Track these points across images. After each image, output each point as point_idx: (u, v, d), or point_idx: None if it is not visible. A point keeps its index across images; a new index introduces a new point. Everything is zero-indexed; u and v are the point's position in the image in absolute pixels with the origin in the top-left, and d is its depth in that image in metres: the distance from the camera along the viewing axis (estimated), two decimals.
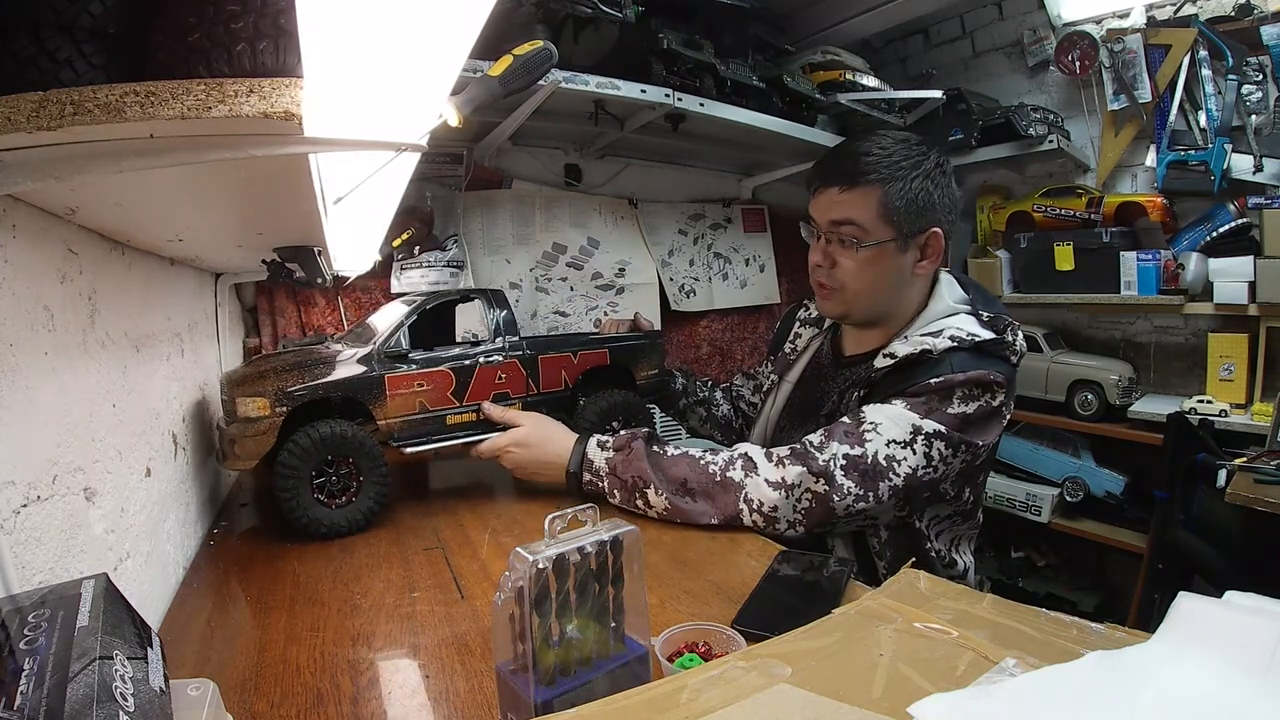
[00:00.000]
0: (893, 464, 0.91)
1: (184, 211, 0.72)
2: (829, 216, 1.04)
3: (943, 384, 0.93)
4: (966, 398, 0.94)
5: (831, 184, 1.03)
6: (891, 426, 0.92)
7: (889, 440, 0.91)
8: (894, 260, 1.03)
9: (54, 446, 0.56)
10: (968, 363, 0.95)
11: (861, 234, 1.01)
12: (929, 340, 0.97)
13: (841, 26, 2.27)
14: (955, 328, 0.99)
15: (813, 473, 0.90)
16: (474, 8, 0.44)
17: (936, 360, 0.95)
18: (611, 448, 1.01)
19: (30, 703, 0.32)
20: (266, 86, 0.40)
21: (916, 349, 0.96)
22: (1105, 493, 2.11)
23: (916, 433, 0.92)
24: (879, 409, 0.94)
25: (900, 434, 0.92)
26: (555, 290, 2.12)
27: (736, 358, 2.52)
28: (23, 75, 0.42)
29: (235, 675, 0.63)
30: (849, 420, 0.95)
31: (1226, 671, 0.44)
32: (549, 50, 0.62)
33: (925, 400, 0.93)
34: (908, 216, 1.01)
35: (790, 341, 1.30)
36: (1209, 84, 1.97)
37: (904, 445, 0.91)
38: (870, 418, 0.93)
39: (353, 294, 1.82)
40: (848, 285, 1.05)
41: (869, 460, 0.90)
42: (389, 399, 1.04)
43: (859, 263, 1.03)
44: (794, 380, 1.25)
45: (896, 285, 1.06)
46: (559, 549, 0.49)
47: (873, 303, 1.07)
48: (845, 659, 0.49)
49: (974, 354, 0.96)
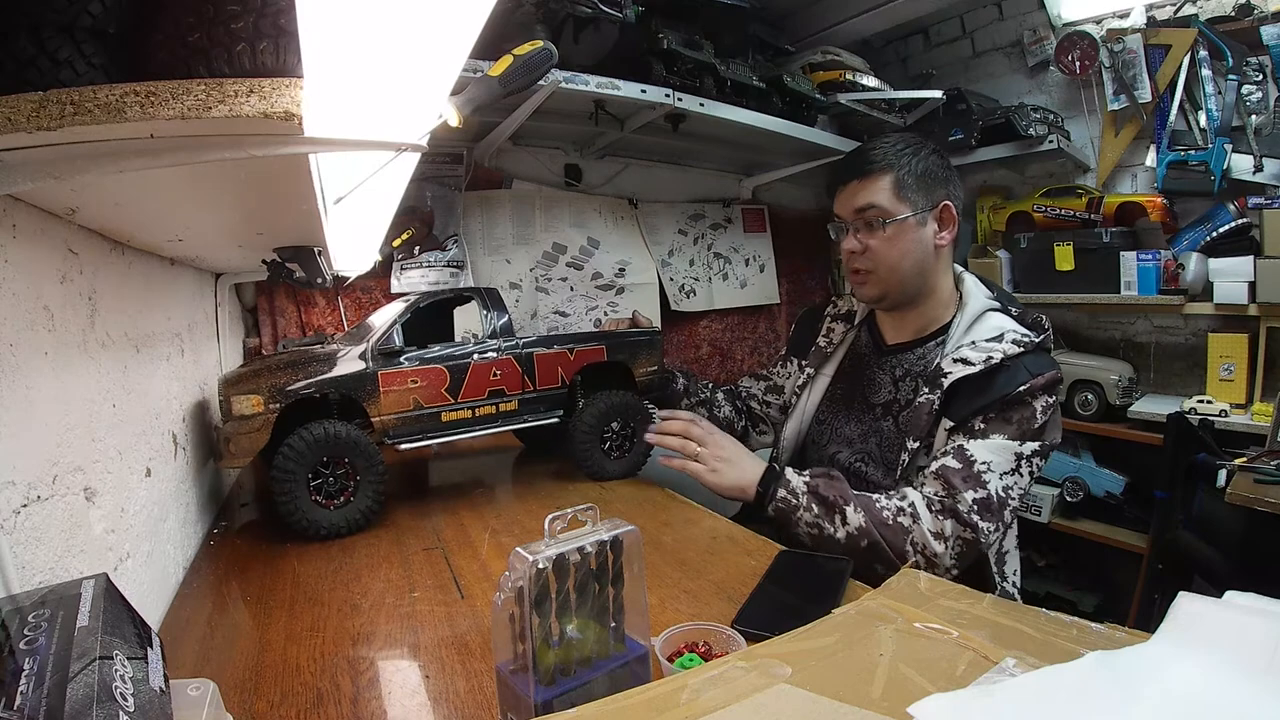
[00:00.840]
0: (1009, 493, 1.00)
1: (184, 211, 0.72)
2: (852, 206, 1.14)
3: (1028, 391, 1.01)
4: (1046, 407, 1.02)
5: (849, 179, 1.15)
6: (1000, 461, 1.00)
7: (1002, 474, 1.00)
8: (916, 234, 1.12)
9: (54, 446, 0.56)
10: (1039, 364, 1.03)
11: (883, 213, 1.11)
12: (997, 346, 1.04)
13: (841, 26, 2.27)
14: (1010, 330, 1.07)
15: (961, 523, 0.97)
16: (474, 8, 0.44)
17: (1011, 368, 1.03)
18: (810, 473, 1.05)
19: (30, 703, 0.32)
20: (266, 86, 0.40)
21: (993, 356, 1.03)
22: (1105, 493, 2.11)
23: (1019, 459, 1.01)
24: (981, 446, 1.01)
25: (1008, 465, 1.00)
26: (555, 290, 2.12)
27: (737, 358, 2.52)
28: (23, 75, 0.42)
29: (235, 675, 0.63)
30: (958, 464, 1.00)
31: (1226, 671, 0.44)
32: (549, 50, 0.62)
33: (1016, 421, 1.01)
34: (920, 192, 1.11)
35: (824, 336, 1.34)
36: (1209, 84, 1.97)
37: (1012, 473, 1.00)
38: (979, 457, 1.00)
39: (353, 294, 1.82)
40: (880, 264, 1.13)
41: (994, 499, 0.98)
42: (383, 396, 1.04)
43: (886, 241, 1.12)
44: (831, 373, 1.29)
45: (923, 259, 1.13)
46: (559, 549, 0.49)
47: (905, 279, 1.14)
48: (845, 659, 0.49)
49: (1035, 355, 1.05)
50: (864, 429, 1.18)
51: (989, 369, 1.03)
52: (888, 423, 1.15)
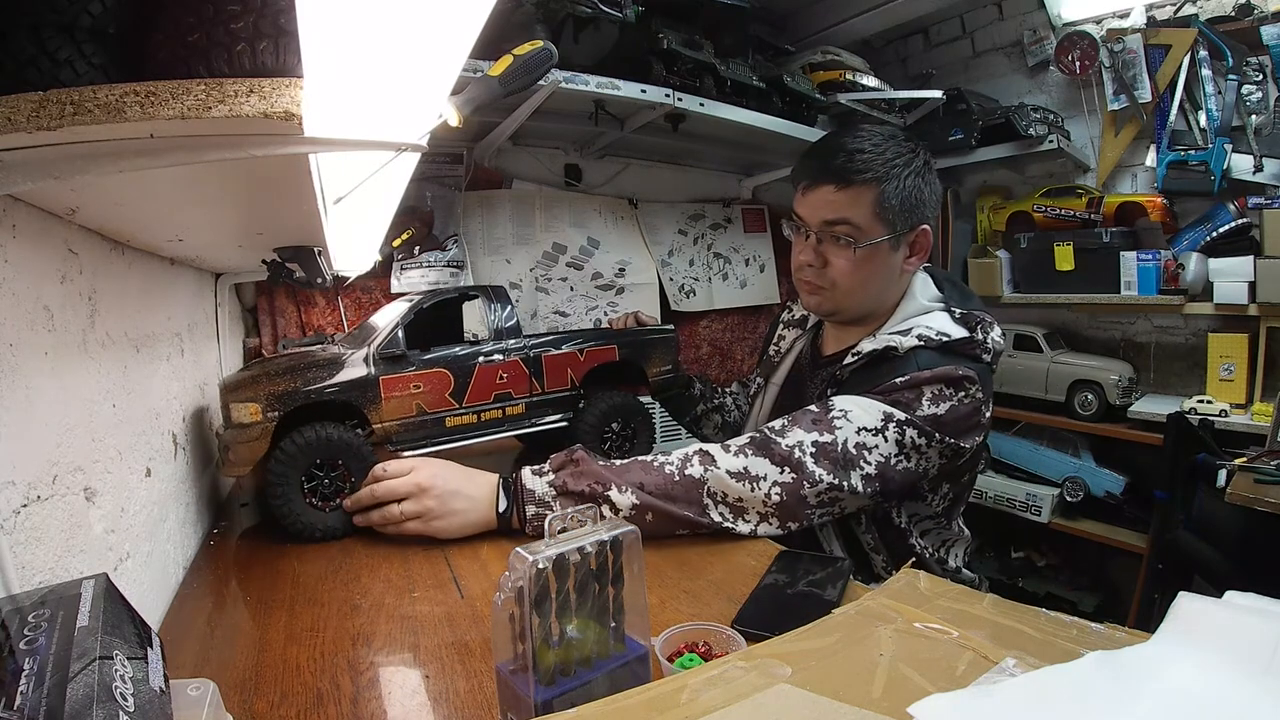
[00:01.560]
0: (864, 451, 0.88)
1: (184, 211, 0.72)
2: (822, 216, 1.02)
3: (908, 382, 0.91)
4: (937, 398, 0.91)
5: (825, 182, 1.01)
6: (861, 414, 0.90)
7: (860, 428, 0.89)
8: (886, 259, 1.03)
9: (54, 446, 0.56)
10: (934, 361, 0.94)
11: (857, 233, 1.00)
12: (896, 338, 0.96)
13: (841, 26, 2.27)
14: (925, 326, 0.98)
15: (775, 462, 0.87)
16: (474, 8, 0.44)
17: (902, 359, 0.94)
18: (551, 469, 0.91)
19: (30, 703, 0.32)
20: (266, 86, 0.40)
21: (881, 345, 0.96)
22: (1105, 493, 2.11)
23: (888, 420, 0.90)
24: (847, 397, 0.93)
25: (871, 421, 0.89)
26: (555, 290, 2.12)
27: (736, 358, 2.53)
28: (23, 75, 0.42)
29: (235, 675, 0.63)
30: (816, 408, 0.92)
31: (1227, 671, 0.44)
32: (549, 50, 0.62)
33: (894, 400, 0.92)
34: (901, 215, 1.00)
35: (774, 344, 1.29)
36: (1209, 84, 1.97)
37: (875, 432, 0.89)
38: (839, 405, 0.91)
39: (353, 294, 1.82)
40: (839, 284, 1.04)
41: (839, 448, 0.88)
42: (385, 402, 1.02)
43: (854, 262, 1.01)
44: (779, 383, 1.24)
45: (885, 282, 1.06)
46: (559, 549, 0.49)
47: (862, 300, 1.07)
48: (845, 659, 0.49)
49: (941, 352, 0.95)
50: None
51: (876, 357, 0.95)
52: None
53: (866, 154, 0.98)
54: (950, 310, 1.03)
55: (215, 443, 1.03)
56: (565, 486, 0.88)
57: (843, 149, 1.00)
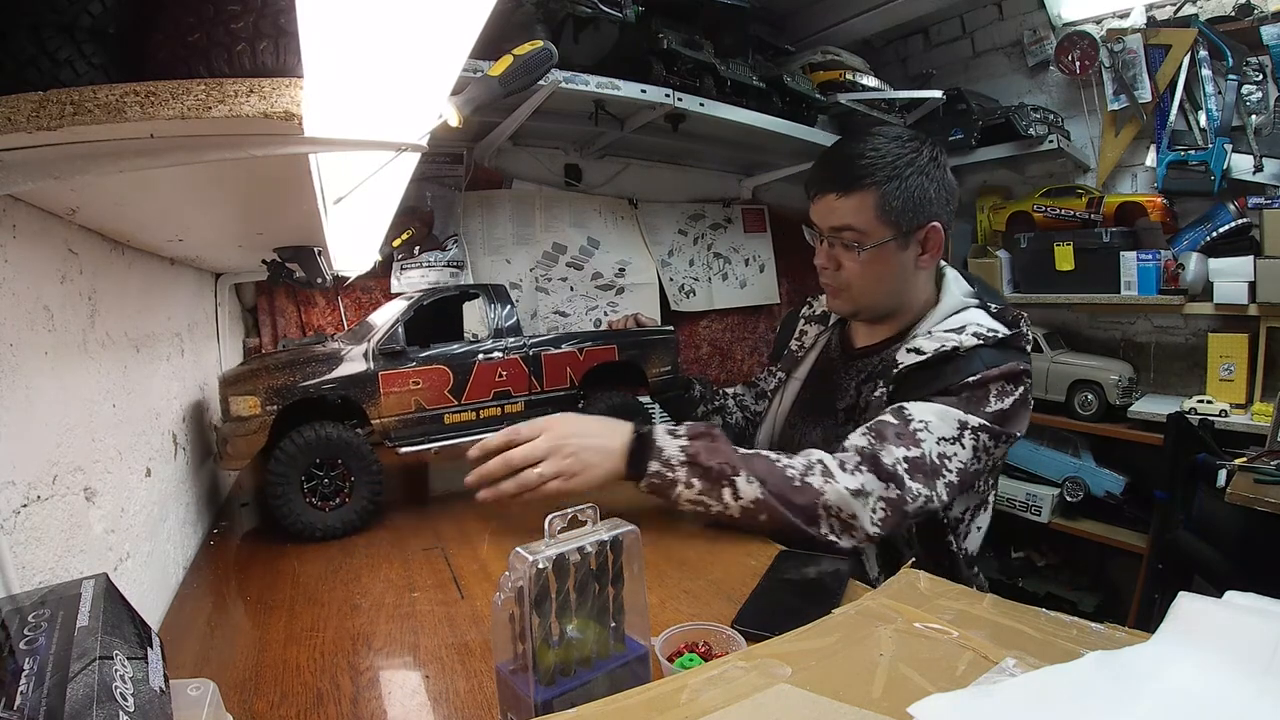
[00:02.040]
0: (945, 461, 0.91)
1: (184, 211, 0.72)
2: (828, 223, 1.06)
3: (979, 381, 0.94)
4: (1002, 394, 0.95)
5: (828, 190, 1.05)
6: (940, 424, 0.92)
7: (940, 438, 0.92)
8: (895, 258, 1.05)
9: (54, 446, 0.56)
10: (996, 358, 0.97)
11: (861, 238, 1.03)
12: (954, 337, 0.98)
13: (841, 26, 2.27)
14: (976, 324, 1.01)
15: (882, 479, 0.88)
16: (474, 8, 0.44)
17: (965, 357, 0.97)
18: (686, 435, 0.92)
19: (30, 703, 0.32)
20: (266, 86, 0.40)
21: (945, 345, 0.97)
22: (1105, 493, 2.11)
23: (963, 428, 0.93)
24: (923, 406, 0.93)
25: (949, 431, 0.92)
26: (555, 290, 2.12)
27: (736, 358, 2.53)
28: (23, 75, 0.42)
29: (235, 675, 0.63)
30: (895, 420, 0.93)
31: (1227, 671, 0.44)
32: (549, 50, 0.62)
33: (965, 398, 0.94)
34: (905, 215, 1.02)
35: (797, 339, 1.30)
36: (1209, 84, 1.97)
37: (953, 441, 0.92)
38: (918, 416, 0.93)
39: (353, 294, 1.82)
40: (852, 285, 1.08)
41: (927, 461, 0.90)
42: (383, 398, 1.02)
43: (861, 265, 1.05)
44: (802, 377, 1.25)
45: (901, 280, 1.08)
46: (559, 549, 0.49)
47: (880, 299, 1.09)
48: (845, 659, 0.49)
49: (999, 349, 0.98)
50: (828, 435, 1.12)
51: (939, 357, 0.96)
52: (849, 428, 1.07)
53: (866, 159, 1.01)
54: (986, 306, 1.06)
55: (214, 437, 1.03)
56: (697, 457, 0.89)
57: (845, 156, 1.04)
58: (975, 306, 1.06)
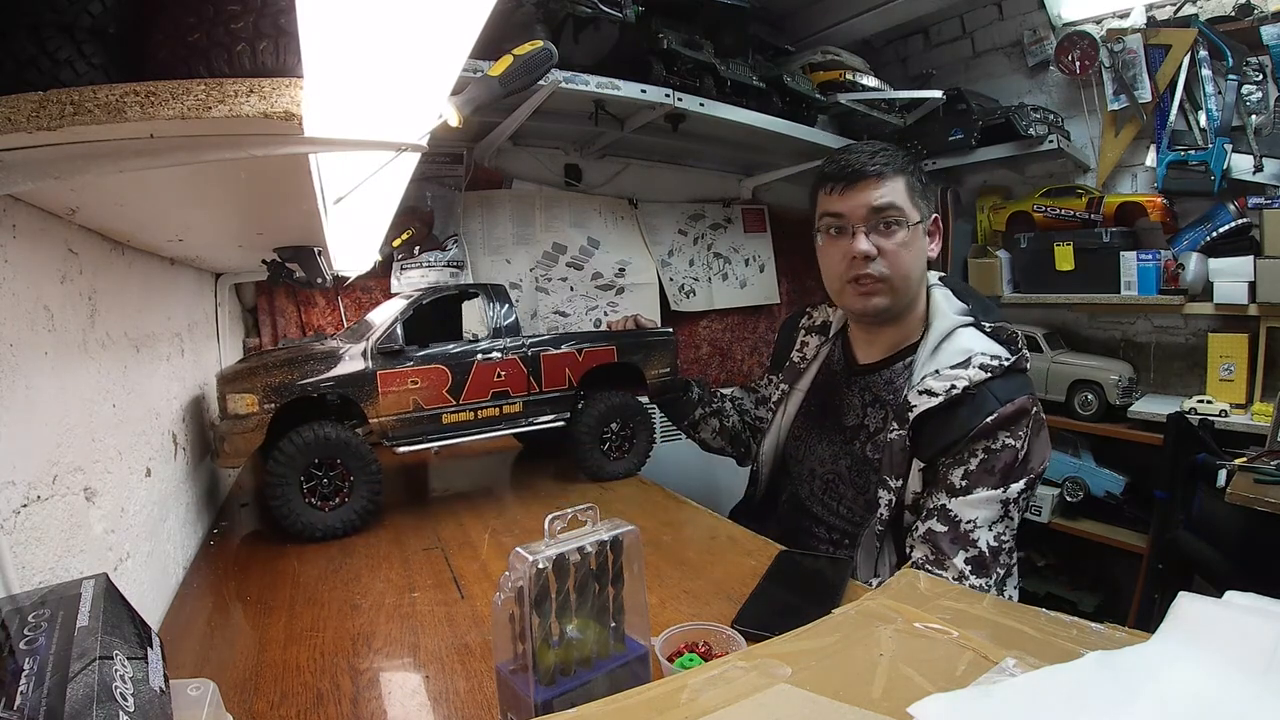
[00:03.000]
0: (1001, 540, 0.96)
1: (184, 211, 0.72)
2: (869, 204, 1.06)
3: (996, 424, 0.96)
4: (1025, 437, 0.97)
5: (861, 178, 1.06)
6: (987, 514, 0.96)
7: (990, 524, 0.96)
8: (922, 242, 1.08)
9: (54, 446, 0.56)
10: (1005, 389, 0.98)
11: (903, 216, 1.06)
12: (962, 374, 0.99)
13: (841, 26, 2.27)
14: (979, 353, 1.01)
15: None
16: (474, 8, 0.44)
17: (976, 395, 0.98)
18: None
19: (30, 702, 0.32)
20: (266, 86, 0.40)
21: (956, 385, 0.99)
22: (1105, 493, 2.11)
23: (1007, 505, 0.97)
24: (966, 504, 0.96)
25: (995, 514, 0.96)
26: (555, 290, 2.12)
27: (736, 358, 2.53)
28: (23, 75, 0.42)
29: (235, 675, 0.63)
30: (944, 527, 0.96)
31: (1226, 671, 0.44)
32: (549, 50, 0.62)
33: (998, 470, 0.96)
34: (924, 200, 1.08)
35: (798, 350, 1.30)
36: (1209, 84, 1.97)
37: (1002, 520, 0.97)
38: (965, 516, 0.96)
39: (353, 294, 1.82)
40: (895, 271, 1.06)
41: (986, 554, 0.95)
42: (381, 397, 1.02)
43: (902, 246, 1.06)
44: (804, 389, 1.25)
45: (923, 271, 1.11)
46: (559, 549, 0.49)
47: (910, 288, 1.09)
48: (845, 659, 0.49)
49: (1005, 378, 1.00)
50: (835, 450, 1.14)
51: (952, 401, 0.97)
52: (855, 446, 1.11)
53: (885, 151, 1.08)
54: (980, 325, 1.07)
55: (211, 435, 1.03)
56: None
57: (866, 151, 1.09)
58: (969, 325, 1.07)
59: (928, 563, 0.95)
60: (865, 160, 1.06)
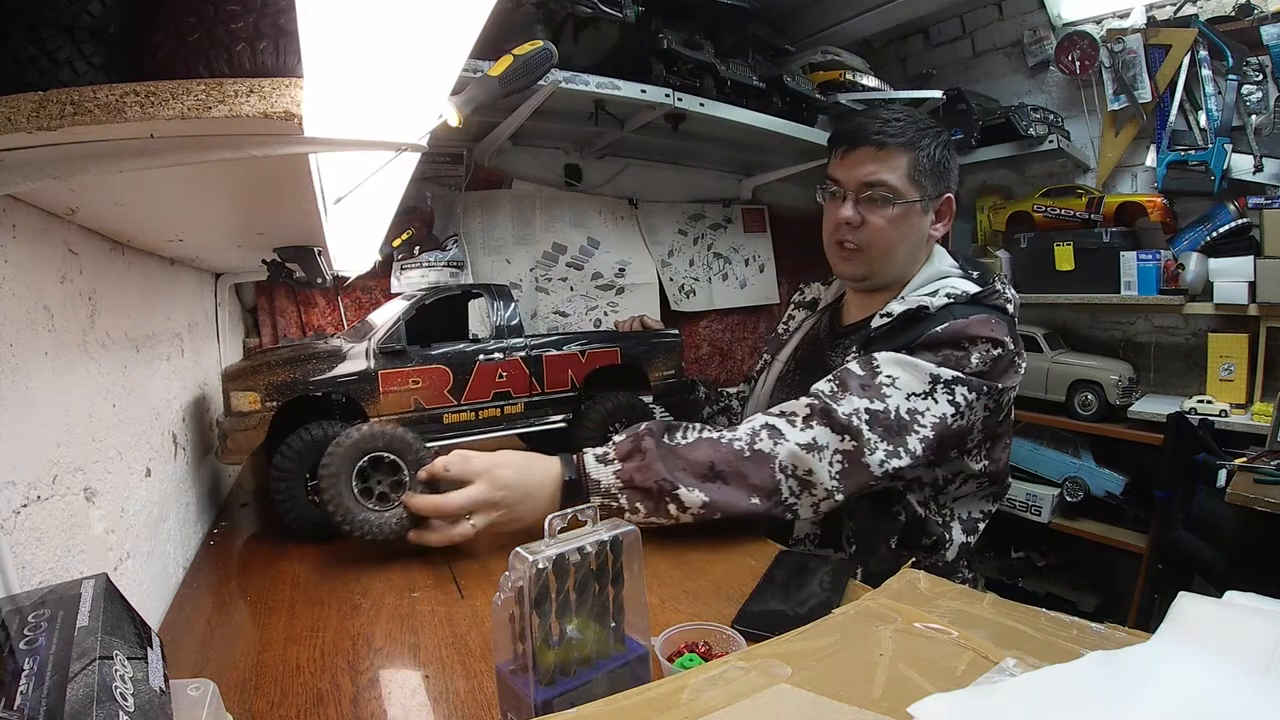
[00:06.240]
0: (916, 417, 0.89)
1: (184, 211, 0.72)
2: (860, 177, 1.06)
3: (949, 330, 0.93)
4: (984, 357, 0.93)
5: (864, 144, 1.06)
6: (909, 379, 0.91)
7: (909, 394, 0.90)
8: (917, 221, 1.07)
9: (54, 446, 0.56)
10: (967, 312, 0.97)
11: (893, 194, 1.05)
12: (925, 298, 1.00)
13: (841, 26, 2.27)
14: (950, 286, 1.02)
15: (836, 431, 0.86)
16: (474, 8, 0.44)
17: (935, 315, 0.97)
18: (617, 458, 0.88)
19: (30, 703, 0.32)
20: (266, 86, 0.40)
21: (914, 305, 0.99)
22: (1105, 493, 2.11)
23: (935, 381, 0.91)
24: (892, 359, 0.92)
25: (919, 386, 0.90)
26: (555, 290, 2.12)
27: (737, 358, 2.52)
28: (23, 75, 0.42)
29: (235, 675, 0.63)
30: (861, 371, 0.92)
31: (1226, 671, 0.44)
32: (549, 50, 0.62)
33: (940, 353, 0.93)
34: (931, 179, 1.06)
35: (783, 323, 1.31)
36: (1209, 84, 1.97)
37: (924, 396, 0.90)
38: (885, 370, 0.91)
39: (353, 294, 1.82)
40: (874, 243, 1.07)
41: (892, 415, 0.88)
42: (383, 396, 1.02)
43: (888, 221, 1.06)
44: (785, 358, 1.26)
45: (915, 247, 1.10)
46: (559, 549, 0.49)
47: (893, 263, 1.10)
48: (845, 659, 0.49)
49: (970, 305, 0.99)
50: None
51: (908, 315, 0.97)
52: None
53: (901, 122, 1.05)
54: (967, 274, 1.07)
55: (214, 432, 1.03)
56: (632, 481, 0.87)
57: (880, 118, 1.07)
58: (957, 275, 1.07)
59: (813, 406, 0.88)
60: (874, 129, 1.05)
